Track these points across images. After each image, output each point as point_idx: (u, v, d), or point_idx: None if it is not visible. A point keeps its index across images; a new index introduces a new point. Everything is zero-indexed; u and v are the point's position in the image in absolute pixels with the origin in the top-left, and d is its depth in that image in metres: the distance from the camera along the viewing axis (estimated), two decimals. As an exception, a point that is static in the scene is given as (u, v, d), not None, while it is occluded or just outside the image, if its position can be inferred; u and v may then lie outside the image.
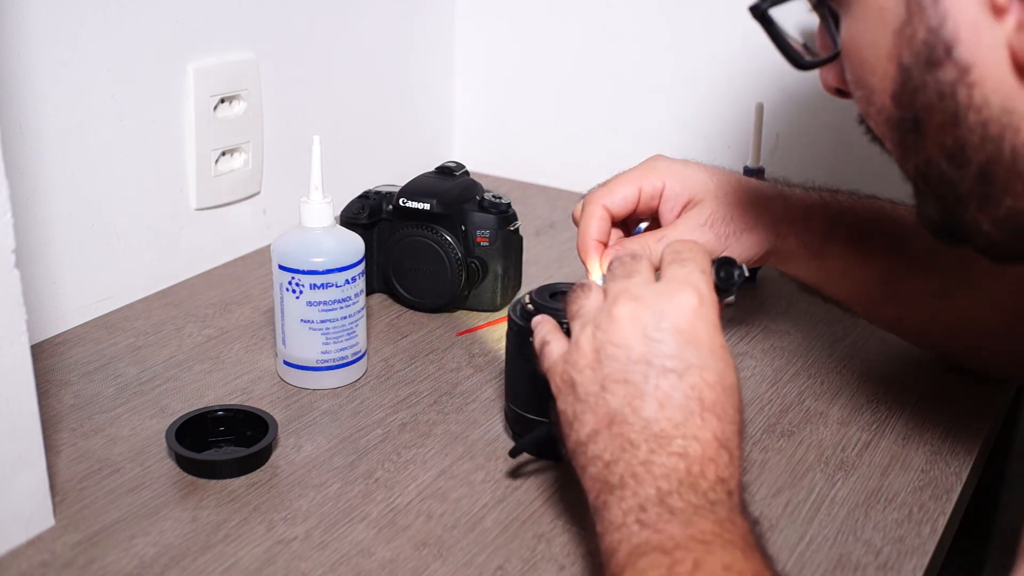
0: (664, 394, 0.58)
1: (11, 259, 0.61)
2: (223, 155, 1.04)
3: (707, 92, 1.22)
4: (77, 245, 0.93)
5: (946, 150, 0.53)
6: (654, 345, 0.58)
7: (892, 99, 0.54)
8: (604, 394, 0.59)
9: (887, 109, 0.55)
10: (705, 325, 0.59)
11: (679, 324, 0.59)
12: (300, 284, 0.81)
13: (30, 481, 0.66)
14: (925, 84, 0.52)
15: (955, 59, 0.50)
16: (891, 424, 0.82)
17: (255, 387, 0.85)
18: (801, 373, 0.89)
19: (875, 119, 0.57)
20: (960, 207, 0.56)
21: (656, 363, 0.58)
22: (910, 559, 0.67)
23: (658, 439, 0.57)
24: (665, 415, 0.57)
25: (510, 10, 1.32)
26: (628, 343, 0.59)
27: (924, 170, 0.56)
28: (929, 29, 0.51)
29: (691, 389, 0.58)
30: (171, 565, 0.65)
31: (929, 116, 0.53)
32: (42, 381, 0.79)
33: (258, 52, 1.05)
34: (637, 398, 0.58)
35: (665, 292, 0.60)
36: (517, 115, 1.35)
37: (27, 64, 0.85)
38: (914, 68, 0.52)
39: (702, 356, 0.58)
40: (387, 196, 0.98)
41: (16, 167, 0.85)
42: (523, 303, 0.75)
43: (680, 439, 0.57)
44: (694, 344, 0.58)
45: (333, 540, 0.68)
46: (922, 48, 0.51)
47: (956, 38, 0.50)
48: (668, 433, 0.57)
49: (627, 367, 0.58)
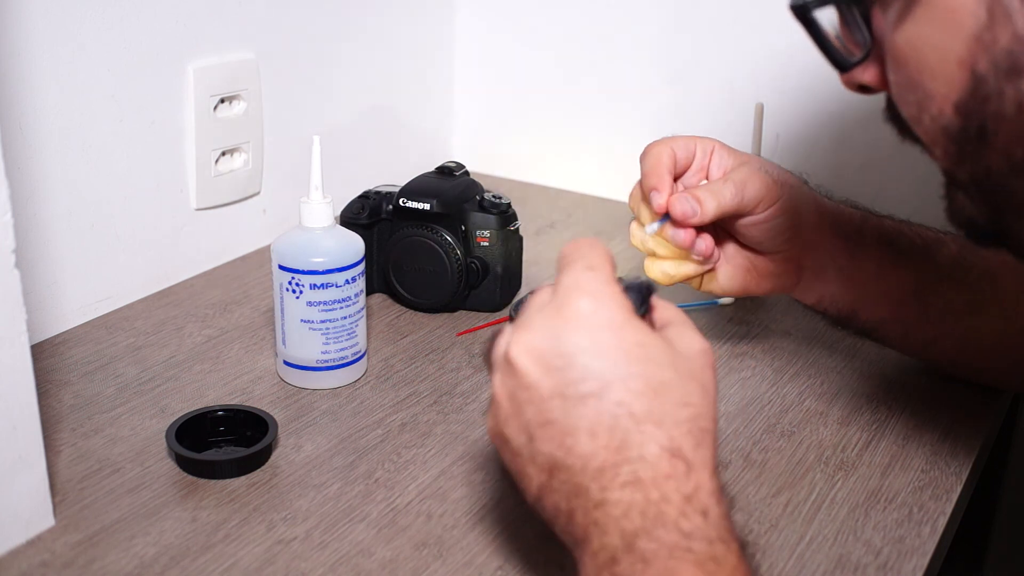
0: (591, 422, 0.52)
1: (11, 259, 0.61)
2: (223, 155, 1.04)
3: (707, 92, 1.22)
4: (77, 245, 0.93)
5: (1013, 162, 0.50)
6: (560, 374, 0.53)
7: (955, 107, 0.50)
8: (534, 443, 0.54)
9: (946, 116, 0.51)
10: (608, 329, 0.53)
11: (577, 342, 0.53)
12: (300, 284, 0.81)
13: (30, 481, 0.66)
14: (1002, 93, 0.48)
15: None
16: (891, 424, 0.82)
17: (255, 387, 0.85)
18: (801, 373, 0.89)
19: (927, 125, 0.52)
20: (1017, 217, 0.53)
21: (570, 393, 0.53)
22: (910, 559, 0.67)
23: (603, 473, 0.52)
24: (601, 444, 0.52)
25: (510, 11, 1.32)
26: (534, 382, 0.53)
27: (981, 178, 0.52)
28: (1015, 36, 0.47)
29: (617, 406, 0.52)
30: (171, 565, 0.65)
31: (1000, 126, 0.49)
32: (42, 381, 0.79)
33: (258, 52, 1.05)
34: (567, 436, 0.52)
35: (553, 311, 0.54)
36: (517, 115, 1.35)
37: (27, 64, 0.85)
38: (991, 76, 0.48)
39: (617, 365, 0.53)
40: (387, 196, 0.98)
41: (16, 167, 0.85)
42: (523, 302, 0.75)
43: (626, 465, 0.52)
44: (602, 356, 0.53)
45: (333, 540, 0.68)
46: (1004, 56, 0.47)
47: None
48: (611, 462, 0.52)
49: (543, 407, 0.53)
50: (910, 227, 0.84)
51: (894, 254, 0.82)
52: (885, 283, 0.82)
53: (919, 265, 0.82)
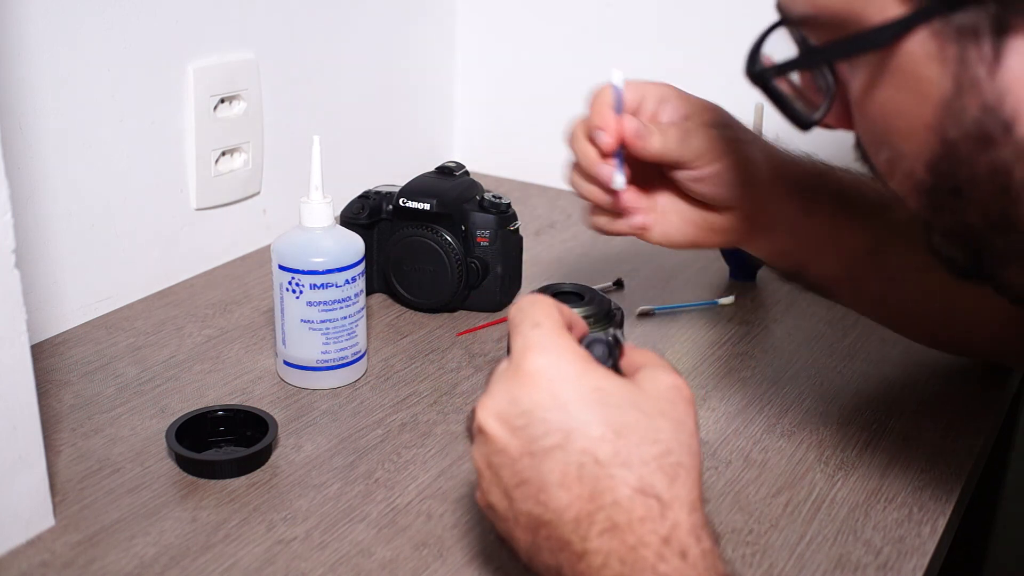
0: (560, 474, 0.52)
1: (11, 259, 0.61)
2: (223, 155, 1.04)
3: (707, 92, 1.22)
4: (77, 245, 0.93)
5: (990, 219, 0.49)
6: (524, 432, 0.53)
7: (927, 167, 0.49)
8: (515, 504, 0.54)
9: (918, 175, 0.50)
10: (563, 381, 0.54)
11: (534, 398, 0.53)
12: (300, 284, 0.81)
13: (30, 481, 0.66)
14: (974, 161, 0.47)
15: (1015, 137, 0.46)
16: (891, 424, 0.82)
17: (255, 387, 0.85)
18: (801, 373, 0.89)
19: (899, 180, 0.52)
20: (998, 264, 0.52)
21: (535, 449, 0.53)
22: (910, 559, 0.67)
23: (580, 523, 0.52)
24: (574, 495, 0.52)
25: (510, 10, 1.32)
26: (504, 445, 0.54)
27: (960, 231, 0.52)
28: (983, 106, 0.46)
29: (582, 454, 0.52)
30: (171, 565, 0.65)
31: (973, 188, 0.48)
32: (42, 381, 0.79)
33: (258, 52, 1.05)
34: (541, 492, 0.53)
35: (510, 374, 0.55)
36: (517, 115, 1.35)
37: (27, 64, 0.85)
38: (962, 144, 0.47)
39: (574, 415, 0.53)
40: (387, 196, 0.98)
41: (16, 167, 0.85)
42: None
43: (600, 512, 0.52)
44: (559, 408, 0.53)
45: (333, 540, 0.68)
46: (973, 125, 0.46)
47: (1017, 116, 0.45)
48: (586, 511, 0.52)
49: (516, 468, 0.53)
50: (869, 184, 0.82)
51: (850, 211, 0.80)
52: (838, 241, 0.80)
53: (875, 223, 0.80)
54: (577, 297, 0.75)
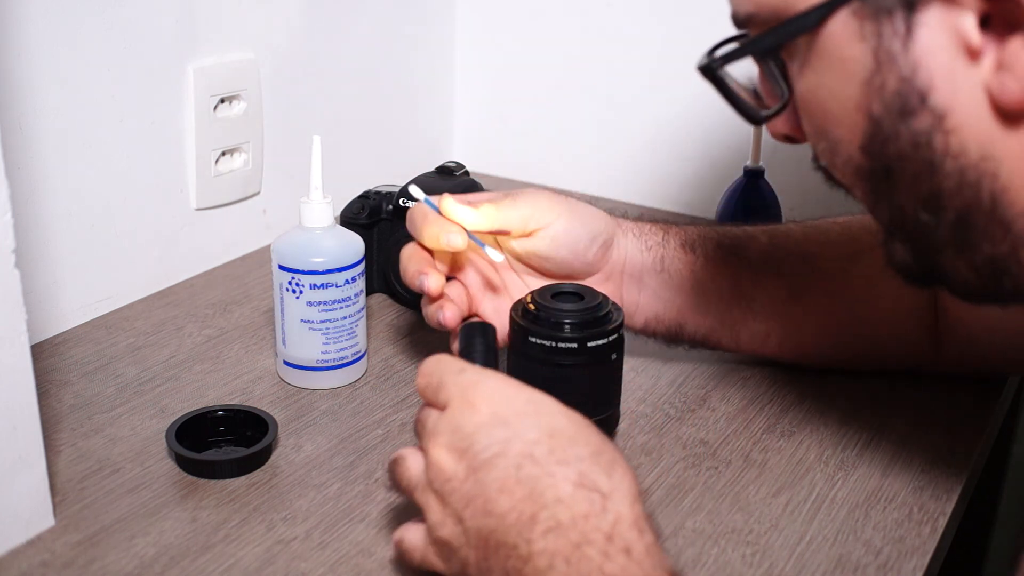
0: (501, 480, 0.55)
1: (11, 259, 0.61)
2: (223, 155, 1.04)
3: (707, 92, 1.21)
4: (77, 245, 0.93)
5: (921, 198, 0.52)
6: (468, 452, 0.56)
7: (861, 150, 0.53)
8: (465, 523, 0.56)
9: (855, 159, 0.54)
10: (499, 402, 0.57)
11: (476, 421, 0.57)
12: (300, 284, 0.81)
13: (30, 481, 0.66)
14: (898, 134, 0.51)
15: (930, 107, 0.49)
16: (891, 424, 0.82)
17: (255, 387, 0.85)
18: (801, 373, 0.88)
19: (841, 169, 0.56)
20: (937, 253, 0.55)
21: (478, 463, 0.56)
22: (910, 559, 0.67)
23: (524, 525, 0.53)
24: (516, 498, 0.54)
25: (510, 10, 1.32)
26: (453, 471, 0.57)
27: (898, 217, 0.55)
28: (901, 78, 0.49)
29: (520, 457, 0.55)
30: (171, 565, 0.65)
31: (902, 165, 0.52)
32: (42, 381, 0.79)
33: (258, 52, 1.05)
34: (487, 503, 0.55)
35: (449, 412, 0.58)
36: (517, 115, 1.35)
37: (27, 64, 0.85)
38: (885, 118, 0.51)
39: (511, 426, 0.56)
40: (387, 196, 0.98)
41: (16, 167, 0.85)
42: (525, 303, 0.75)
43: (544, 511, 0.53)
44: (499, 423, 0.56)
45: (333, 540, 0.68)
46: (894, 98, 0.50)
47: (930, 85, 0.49)
48: (529, 512, 0.54)
49: (464, 488, 0.56)
50: (715, 230, 0.84)
51: (703, 259, 0.82)
52: (700, 290, 0.82)
53: (731, 264, 0.82)
54: (577, 297, 0.75)
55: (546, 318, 0.73)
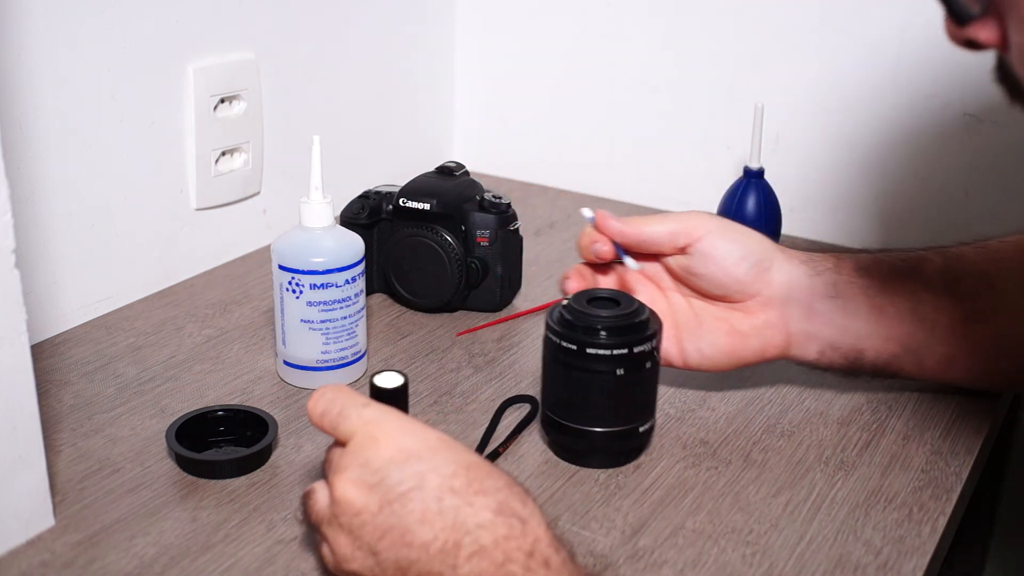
0: (421, 512, 0.56)
1: (11, 259, 0.61)
2: (223, 155, 1.04)
3: (707, 92, 1.22)
4: (77, 245, 0.93)
5: None
6: (380, 487, 0.57)
7: None
8: (379, 555, 0.56)
9: None
10: (406, 437, 0.58)
11: (385, 456, 0.57)
12: (300, 284, 0.81)
13: (30, 481, 0.66)
14: None
15: None
16: (891, 424, 0.82)
17: (255, 387, 0.85)
18: (801, 373, 0.88)
19: None
20: None
21: (394, 496, 0.56)
22: (910, 559, 0.67)
23: (448, 553, 0.55)
24: (438, 528, 0.55)
25: (510, 10, 1.32)
26: (364, 505, 0.57)
27: None
28: None
29: (438, 489, 0.56)
30: (171, 565, 0.65)
31: None
32: (42, 381, 0.79)
33: (258, 52, 1.05)
34: (405, 534, 0.56)
35: (355, 447, 0.59)
36: (517, 115, 1.35)
37: (27, 64, 0.85)
38: None
39: (423, 459, 0.57)
40: (387, 196, 0.98)
41: (16, 167, 0.85)
42: (561, 308, 0.74)
43: (467, 537, 0.55)
44: (410, 458, 0.57)
45: (333, 540, 0.68)
46: None
47: None
48: (453, 540, 0.55)
49: (376, 521, 0.56)
50: (887, 253, 0.82)
51: (879, 281, 0.79)
52: (880, 314, 0.79)
53: (909, 287, 0.79)
54: (613, 303, 0.74)
55: (579, 323, 0.72)
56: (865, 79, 1.12)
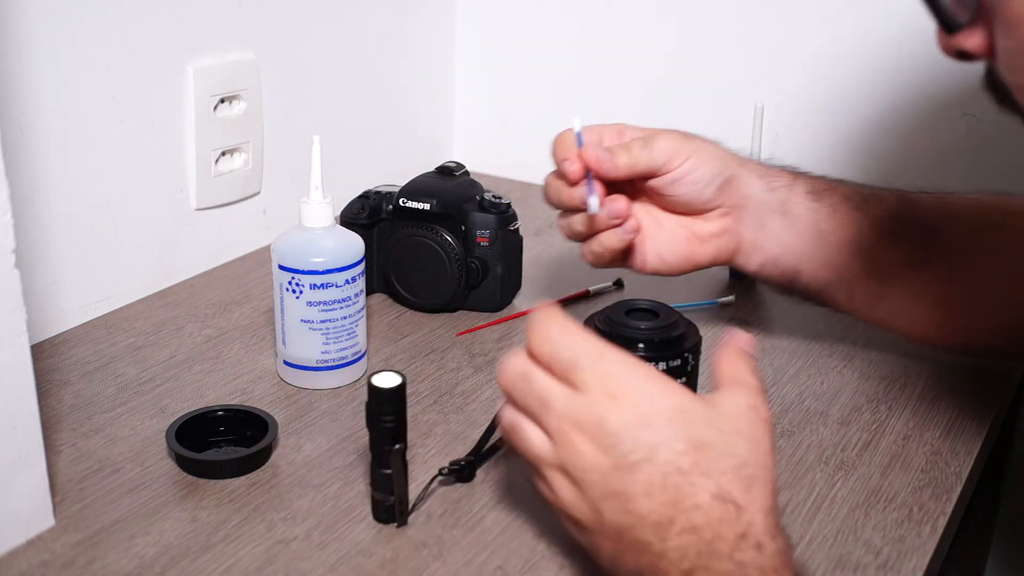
0: (646, 484, 0.56)
1: (11, 259, 0.61)
2: (223, 155, 1.04)
3: (707, 92, 1.22)
4: (77, 245, 0.93)
5: None
6: (614, 451, 0.57)
7: None
8: (602, 515, 0.58)
9: None
10: (645, 402, 0.57)
11: (621, 418, 0.57)
12: (300, 284, 0.81)
13: (30, 481, 0.66)
14: None
15: None
16: (891, 424, 0.82)
17: (255, 387, 0.85)
18: (801, 373, 0.89)
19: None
20: None
21: (625, 464, 0.57)
22: (910, 559, 0.67)
23: (662, 527, 0.56)
24: (658, 502, 0.56)
25: (510, 10, 1.32)
26: (595, 464, 0.57)
27: None
28: None
29: (667, 465, 0.56)
30: (171, 565, 0.65)
31: None
32: (42, 381, 0.79)
33: (258, 52, 1.05)
34: (628, 502, 0.57)
35: (589, 399, 0.58)
36: (517, 115, 1.35)
37: (27, 64, 0.85)
38: None
39: (660, 431, 0.57)
40: (387, 196, 0.98)
41: (16, 167, 0.85)
42: (595, 322, 0.72)
43: (682, 515, 0.55)
44: (645, 426, 0.57)
45: (333, 540, 0.68)
46: None
47: None
48: (669, 516, 0.56)
49: (606, 483, 0.57)
50: (843, 183, 0.84)
51: (828, 209, 0.82)
52: (821, 240, 0.82)
53: (856, 220, 0.82)
54: (652, 315, 0.72)
55: (619, 336, 0.70)
56: (865, 79, 1.12)
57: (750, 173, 0.82)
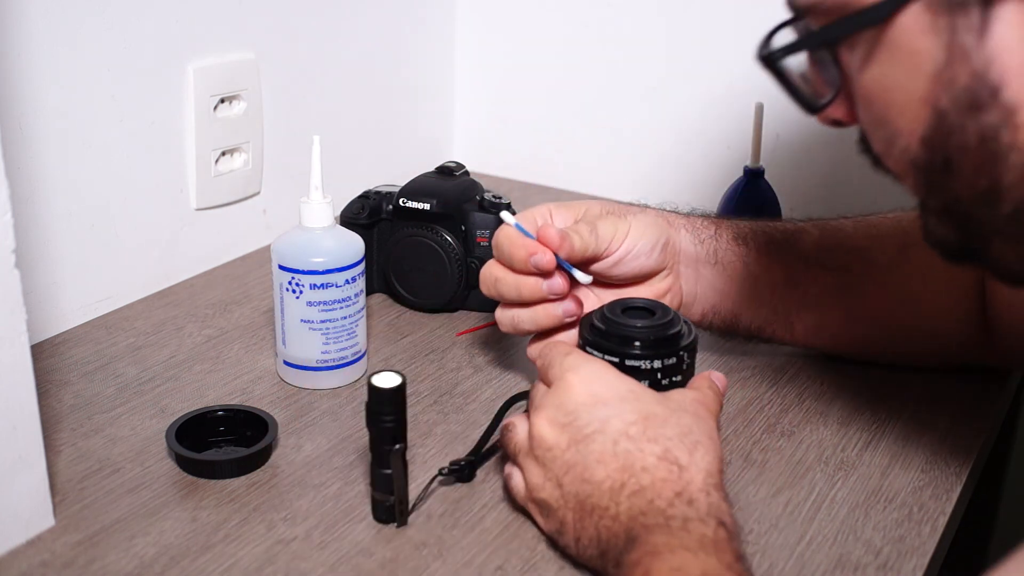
0: (599, 453, 0.63)
1: (11, 259, 0.61)
2: (223, 155, 1.04)
3: (707, 92, 1.22)
4: (77, 245, 0.93)
5: (979, 190, 0.52)
6: (571, 427, 0.64)
7: (921, 141, 0.52)
8: (563, 488, 0.64)
9: (912, 151, 0.53)
10: (599, 385, 0.66)
11: (578, 400, 0.65)
12: (300, 284, 0.81)
13: (30, 481, 0.66)
14: (964, 127, 0.50)
15: (1001, 102, 0.49)
16: (891, 424, 0.82)
17: (255, 387, 0.85)
18: (801, 373, 0.89)
19: (896, 159, 0.55)
20: (986, 240, 0.55)
21: (580, 437, 0.64)
22: (910, 559, 0.67)
23: (615, 491, 0.61)
24: (612, 468, 0.62)
25: (510, 10, 1.32)
26: (556, 441, 0.65)
27: (952, 206, 0.54)
28: (973, 73, 0.49)
29: (618, 434, 0.63)
30: (171, 565, 0.65)
31: (963, 157, 0.51)
32: (42, 381, 0.79)
33: (258, 52, 1.05)
34: (585, 471, 0.63)
35: (554, 390, 0.67)
36: (517, 115, 1.35)
37: (27, 64, 0.85)
38: (952, 112, 0.50)
39: (612, 406, 0.64)
40: (387, 196, 0.98)
41: (16, 167, 0.85)
42: (592, 321, 0.73)
43: (632, 479, 0.61)
44: (599, 404, 0.65)
45: (333, 540, 0.68)
46: (963, 92, 0.49)
47: (1003, 80, 0.48)
48: (621, 481, 0.61)
49: (564, 457, 0.64)
50: (767, 223, 0.86)
51: (755, 251, 0.83)
52: (755, 281, 0.84)
53: (783, 256, 0.84)
54: (648, 313, 0.73)
55: (616, 334, 0.71)
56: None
57: (680, 230, 0.84)
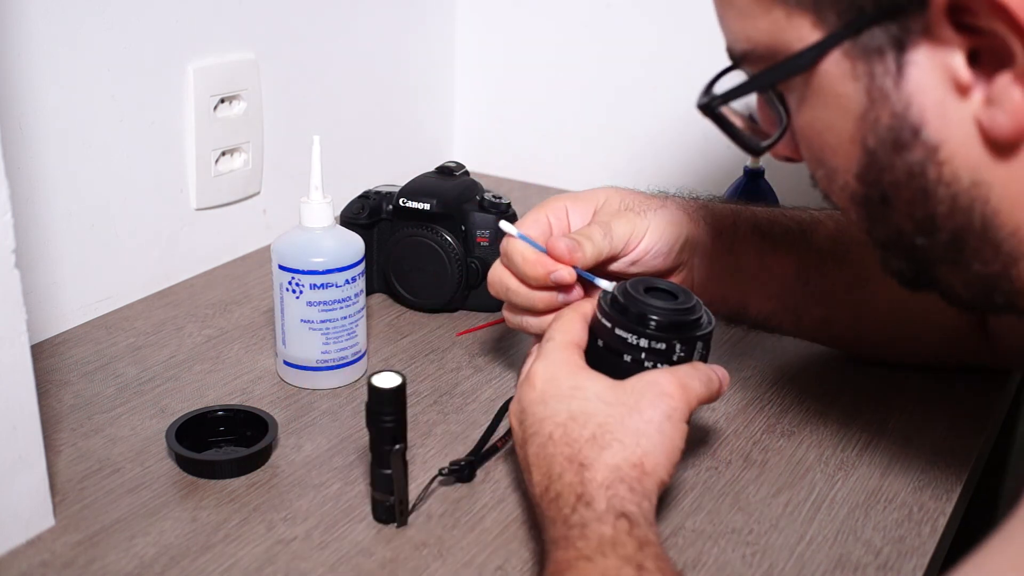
0: (534, 456, 0.65)
1: (11, 259, 0.61)
2: (223, 155, 1.04)
3: (707, 92, 1.22)
4: (77, 245, 0.93)
5: (916, 221, 0.54)
6: (522, 425, 0.67)
7: (857, 178, 0.55)
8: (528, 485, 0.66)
9: (851, 187, 0.55)
10: (549, 382, 0.66)
11: (529, 397, 0.66)
12: (300, 284, 0.81)
13: (30, 481, 0.66)
14: (892, 165, 0.52)
15: (923, 140, 0.51)
16: (891, 424, 0.82)
17: (255, 387, 0.85)
18: (801, 373, 0.89)
19: (838, 195, 0.57)
20: (932, 267, 0.57)
21: (525, 437, 0.66)
22: (910, 559, 0.67)
23: (544, 495, 0.63)
24: (542, 473, 0.63)
25: (510, 10, 1.32)
26: (516, 438, 0.67)
27: (894, 238, 0.56)
28: (894, 114, 0.51)
29: (545, 437, 0.64)
30: (171, 565, 0.65)
31: (897, 192, 0.53)
32: (42, 381, 0.79)
33: (258, 52, 1.05)
34: (526, 473, 0.65)
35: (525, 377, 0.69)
36: (517, 115, 1.35)
37: (27, 64, 0.85)
38: (880, 151, 0.53)
39: (549, 407, 0.65)
40: (387, 196, 0.98)
41: (16, 167, 0.85)
42: (614, 294, 0.70)
43: (553, 484, 0.62)
44: (542, 403, 0.66)
45: (333, 540, 0.68)
46: (887, 132, 0.52)
47: (922, 120, 0.50)
48: (545, 486, 0.63)
49: (520, 454, 0.67)
50: (784, 213, 0.86)
51: (771, 243, 0.83)
52: (767, 274, 0.83)
53: (797, 250, 0.84)
54: (671, 296, 0.70)
55: (635, 312, 0.68)
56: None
57: (699, 222, 0.81)
